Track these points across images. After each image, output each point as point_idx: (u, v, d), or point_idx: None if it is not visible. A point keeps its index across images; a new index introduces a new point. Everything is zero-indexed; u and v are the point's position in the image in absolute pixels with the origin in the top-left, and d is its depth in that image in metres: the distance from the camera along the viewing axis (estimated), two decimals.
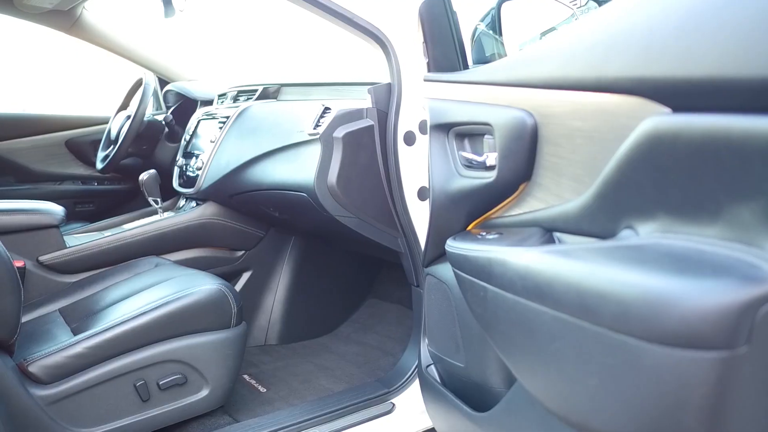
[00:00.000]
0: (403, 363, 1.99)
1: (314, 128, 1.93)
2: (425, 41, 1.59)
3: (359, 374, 2.22)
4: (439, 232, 1.47)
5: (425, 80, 1.56)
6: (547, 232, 1.12)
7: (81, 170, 3.14)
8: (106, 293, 1.98)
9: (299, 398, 2.06)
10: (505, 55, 1.66)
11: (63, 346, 1.63)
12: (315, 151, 1.90)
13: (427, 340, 1.72)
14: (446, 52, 1.57)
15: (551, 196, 1.13)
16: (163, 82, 3.15)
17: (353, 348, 2.45)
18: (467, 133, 1.37)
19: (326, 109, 1.95)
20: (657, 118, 0.79)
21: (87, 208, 3.11)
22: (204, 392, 1.78)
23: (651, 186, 0.82)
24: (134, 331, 1.68)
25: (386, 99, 1.85)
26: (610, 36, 0.89)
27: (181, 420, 1.78)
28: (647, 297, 0.69)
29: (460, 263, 1.24)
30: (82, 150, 3.13)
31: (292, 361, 2.36)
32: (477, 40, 1.69)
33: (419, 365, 1.74)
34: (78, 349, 1.62)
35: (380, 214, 1.92)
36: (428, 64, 1.60)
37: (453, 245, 1.29)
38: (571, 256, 0.88)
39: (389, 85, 1.84)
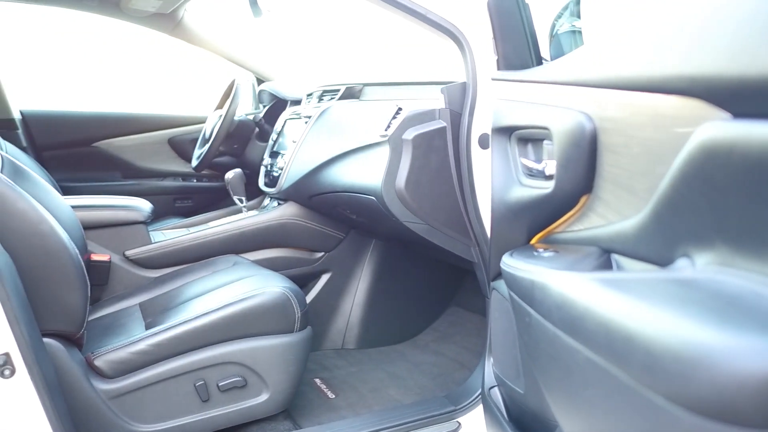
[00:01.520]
0: (472, 380, 1.88)
1: (386, 129, 1.85)
2: (494, 37, 1.46)
3: (431, 386, 2.12)
4: (498, 244, 1.35)
5: (493, 79, 1.44)
6: (605, 253, 0.98)
7: (182, 167, 3.26)
8: (181, 290, 2.02)
9: (366, 408, 2.00)
10: None
11: (128, 342, 1.66)
12: (386, 154, 1.83)
13: (492, 360, 1.60)
14: (517, 48, 1.44)
15: (612, 212, 0.98)
16: (261, 83, 3.20)
17: (429, 358, 2.36)
18: (530, 138, 1.24)
19: (399, 110, 1.87)
20: (713, 125, 0.64)
21: (185, 204, 3.23)
22: (264, 396, 1.76)
23: (707, 207, 0.67)
24: (196, 332, 1.68)
25: (460, 99, 1.75)
26: (662, 26, 0.74)
27: (241, 423, 1.77)
28: (678, 349, 0.56)
29: (509, 282, 1.12)
30: (183, 148, 3.25)
31: (366, 367, 2.31)
32: (555, 36, 1.54)
33: (483, 386, 1.62)
34: (141, 345, 1.65)
35: (452, 221, 1.81)
36: (497, 61, 1.47)
37: (506, 261, 1.17)
38: (610, 287, 0.74)
39: (464, 84, 1.73)
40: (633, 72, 0.80)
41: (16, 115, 2.99)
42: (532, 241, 1.28)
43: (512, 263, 1.11)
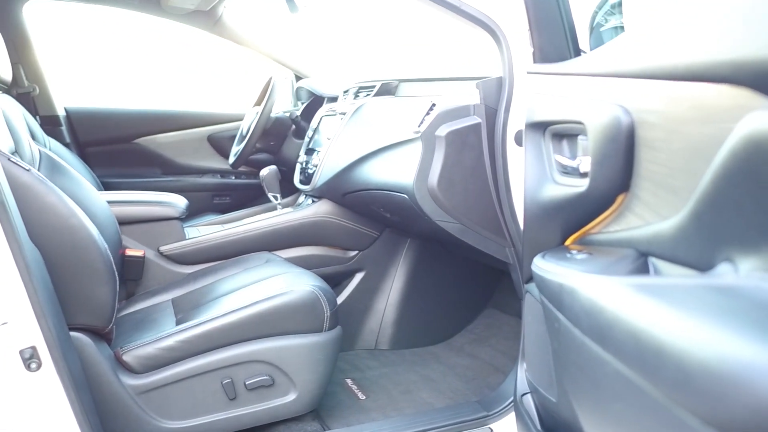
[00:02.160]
0: (506, 385, 1.82)
1: (419, 126, 1.80)
2: (530, 28, 1.40)
3: (464, 390, 2.06)
4: (531, 245, 1.29)
5: (528, 72, 1.38)
6: (642, 256, 0.91)
7: (220, 164, 3.27)
8: (212, 287, 2.01)
9: (396, 410, 1.95)
10: None
11: (156, 338, 1.65)
12: (418, 151, 1.78)
13: (525, 366, 1.54)
14: (554, 39, 1.37)
15: (650, 211, 0.91)
16: (300, 80, 3.19)
17: (464, 361, 2.30)
18: (564, 134, 1.18)
19: (433, 106, 1.81)
20: (760, 115, 0.57)
21: (224, 200, 3.24)
22: (291, 396, 1.73)
23: (753, 207, 0.61)
24: (223, 329, 1.66)
25: (496, 94, 1.69)
26: (705, 9, 0.68)
27: (268, 422, 1.75)
28: (714, 365, 0.50)
29: (539, 285, 1.06)
30: (222, 145, 3.27)
31: (399, 368, 2.26)
32: (596, 28, 1.46)
33: (515, 393, 1.56)
34: (169, 342, 1.64)
35: (486, 221, 1.75)
36: (533, 53, 1.41)
37: (537, 263, 1.11)
38: (643, 293, 0.68)
39: (500, 79, 1.67)
40: (673, 60, 0.74)
41: (61, 112, 3.05)
42: (567, 242, 1.22)
43: (543, 265, 1.05)
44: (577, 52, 1.37)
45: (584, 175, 1.07)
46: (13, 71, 2.54)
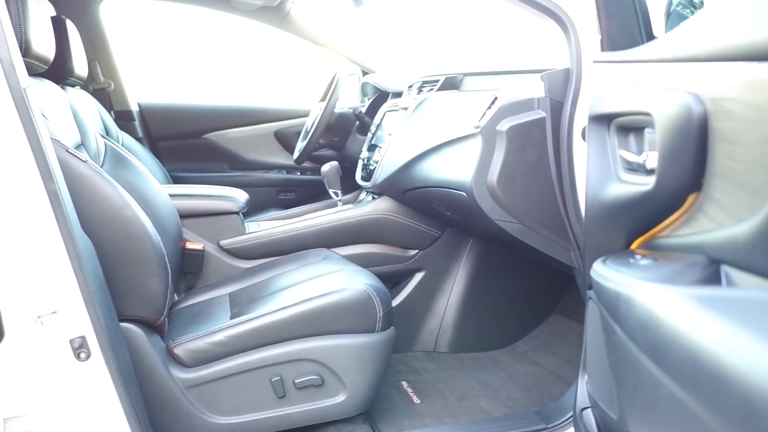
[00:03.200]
0: (568, 397, 1.71)
1: (479, 120, 1.72)
2: (598, 14, 1.29)
3: (524, 400, 1.96)
4: (592, 248, 1.19)
5: (594, 61, 1.27)
6: (713, 263, 0.81)
7: (286, 160, 3.28)
8: (268, 282, 1.99)
9: (451, 417, 1.88)
10: None
11: (207, 332, 1.65)
12: (478, 146, 1.70)
13: (586, 377, 1.43)
14: (624, 25, 1.26)
15: (724, 213, 0.81)
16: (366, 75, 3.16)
17: (526, 368, 2.19)
18: (631, 127, 1.07)
19: (495, 99, 1.73)
20: None
21: (288, 196, 3.24)
22: (341, 397, 1.69)
23: None
24: (273, 326, 1.64)
25: (562, 87, 1.59)
26: None
27: (317, 422, 1.71)
28: None
29: (597, 293, 0.97)
30: (288, 141, 3.27)
31: (457, 373, 2.18)
32: (673, 14, 1.34)
33: (575, 407, 1.46)
34: (220, 336, 1.63)
35: (549, 221, 1.66)
36: (601, 41, 1.30)
37: (595, 268, 1.02)
38: (707, 306, 0.58)
39: (567, 70, 1.57)
40: (754, 36, 0.64)
41: (134, 108, 3.14)
42: (633, 246, 1.11)
43: (601, 271, 0.96)
44: (650, 38, 1.25)
45: (651, 172, 0.97)
46: (89, 67, 2.62)
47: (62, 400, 1.32)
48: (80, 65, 2.32)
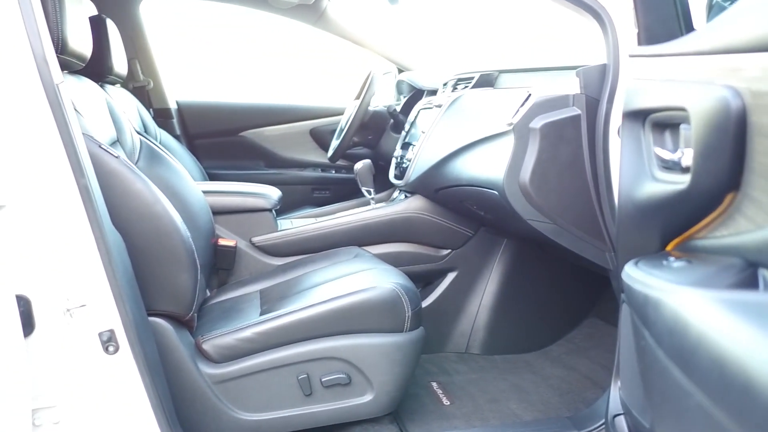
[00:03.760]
0: (601, 403, 1.66)
1: (512, 117, 1.68)
2: (635, 6, 1.25)
3: (557, 404, 1.92)
4: (625, 250, 1.14)
5: (630, 56, 1.23)
6: (750, 266, 0.76)
7: (321, 158, 3.28)
8: (299, 280, 1.99)
9: (481, 420, 1.84)
10: None
11: (236, 328, 1.65)
12: (511, 144, 1.67)
13: (619, 383, 1.38)
14: (663, 18, 1.21)
15: (762, 213, 0.76)
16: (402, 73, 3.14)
17: (559, 372, 2.14)
18: (667, 123, 1.03)
19: (528, 96, 1.69)
20: None
21: (323, 194, 3.25)
22: (368, 397, 1.67)
23: None
24: (301, 323, 1.63)
25: (599, 83, 1.54)
26: None
27: (344, 421, 1.70)
28: None
29: (627, 296, 0.93)
30: (323, 139, 3.28)
31: (488, 375, 2.14)
32: (715, 6, 1.28)
33: (606, 413, 1.41)
34: (247, 333, 1.63)
35: (583, 222, 1.61)
36: (638, 35, 1.26)
37: (627, 270, 0.98)
38: (738, 311, 0.55)
39: (604, 66, 1.52)
40: None
41: (172, 105, 3.18)
42: (668, 248, 1.07)
43: (632, 273, 0.92)
44: (690, 31, 1.20)
45: (686, 170, 0.92)
46: (129, 66, 2.67)
47: (90, 393, 1.34)
48: (120, 63, 2.35)
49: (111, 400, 1.36)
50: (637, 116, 1.09)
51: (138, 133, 2.03)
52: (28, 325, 1.27)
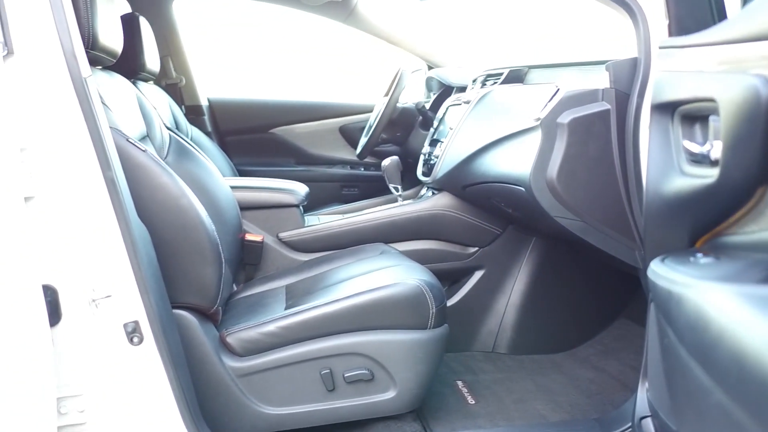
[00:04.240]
0: (629, 405, 1.62)
1: (540, 112, 1.66)
2: None
3: (584, 406, 1.88)
4: (653, 247, 1.11)
5: (660, 47, 1.19)
6: None
7: (350, 155, 3.28)
8: (324, 276, 1.99)
9: (506, 420, 1.82)
10: None
11: (259, 322, 1.66)
12: (538, 140, 1.64)
13: (647, 384, 1.35)
14: (695, 8, 1.18)
15: None
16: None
17: (588, 373, 2.10)
18: (697, 115, 0.99)
19: (557, 91, 1.66)
20: None
21: (352, 192, 3.25)
22: (391, 393, 1.66)
23: None
24: (324, 318, 1.63)
25: (629, 78, 1.51)
26: None
27: (366, 417, 1.69)
28: None
29: (652, 293, 0.90)
30: (353, 136, 3.28)
31: (515, 375, 2.12)
32: None
33: (633, 415, 1.38)
34: (271, 327, 1.64)
35: (612, 219, 1.58)
36: (669, 26, 1.22)
37: (652, 266, 0.95)
38: (760, 305, 0.52)
39: (634, 60, 1.49)
40: None
41: (204, 102, 3.22)
42: (698, 244, 1.03)
43: (657, 269, 0.89)
44: (723, 20, 1.16)
45: (715, 163, 0.89)
46: (162, 63, 2.71)
47: (115, 383, 1.36)
48: (152, 60, 2.38)
49: (135, 391, 1.37)
50: (666, 109, 1.06)
51: (168, 128, 2.05)
52: (54, 314, 1.29)
